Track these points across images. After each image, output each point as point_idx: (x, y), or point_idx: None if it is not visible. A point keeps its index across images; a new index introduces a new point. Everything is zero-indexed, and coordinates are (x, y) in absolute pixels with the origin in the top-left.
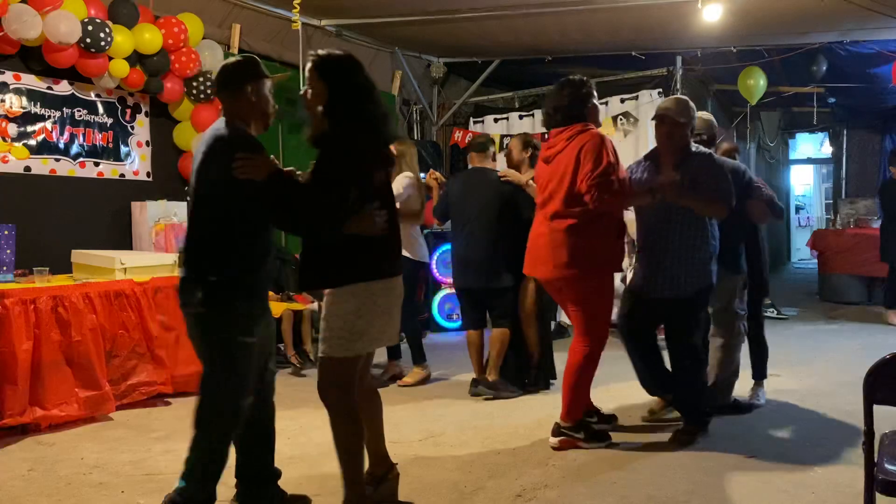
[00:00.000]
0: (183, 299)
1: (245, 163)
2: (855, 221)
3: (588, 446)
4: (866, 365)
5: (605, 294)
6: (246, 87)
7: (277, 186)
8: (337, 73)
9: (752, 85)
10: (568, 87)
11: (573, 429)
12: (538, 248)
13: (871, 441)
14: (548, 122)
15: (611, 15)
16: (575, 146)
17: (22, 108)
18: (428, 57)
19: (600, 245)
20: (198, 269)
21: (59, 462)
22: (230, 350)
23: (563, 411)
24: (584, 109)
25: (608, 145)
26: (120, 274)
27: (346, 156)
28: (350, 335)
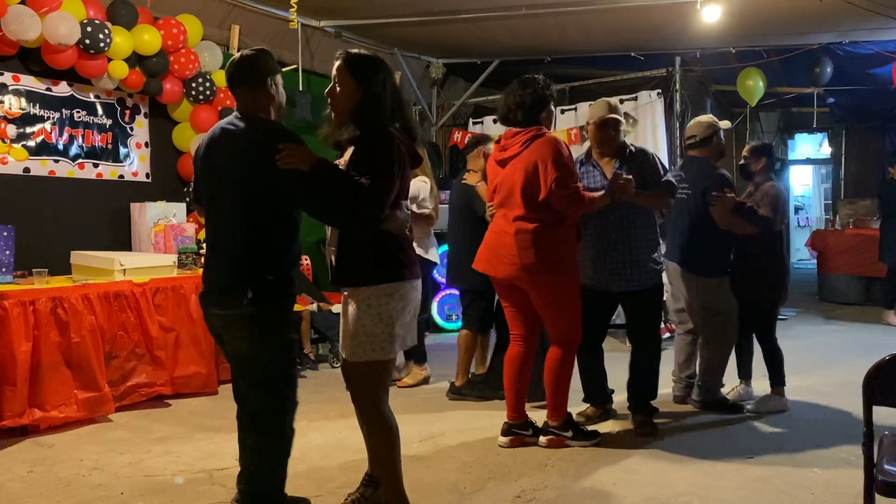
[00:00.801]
0: (228, 302)
1: (290, 152)
2: (854, 222)
3: (576, 444)
4: (865, 366)
5: (573, 292)
6: (268, 80)
7: (327, 176)
8: (373, 74)
9: (751, 86)
10: (531, 86)
11: (560, 427)
12: (498, 247)
13: (871, 442)
14: (505, 119)
15: (610, 15)
16: (533, 151)
17: (21, 109)
18: (427, 58)
19: (565, 246)
20: (249, 269)
21: (59, 463)
22: (287, 348)
23: (549, 411)
24: (543, 112)
25: (568, 152)
26: (119, 275)
27: (395, 152)
28: (390, 337)
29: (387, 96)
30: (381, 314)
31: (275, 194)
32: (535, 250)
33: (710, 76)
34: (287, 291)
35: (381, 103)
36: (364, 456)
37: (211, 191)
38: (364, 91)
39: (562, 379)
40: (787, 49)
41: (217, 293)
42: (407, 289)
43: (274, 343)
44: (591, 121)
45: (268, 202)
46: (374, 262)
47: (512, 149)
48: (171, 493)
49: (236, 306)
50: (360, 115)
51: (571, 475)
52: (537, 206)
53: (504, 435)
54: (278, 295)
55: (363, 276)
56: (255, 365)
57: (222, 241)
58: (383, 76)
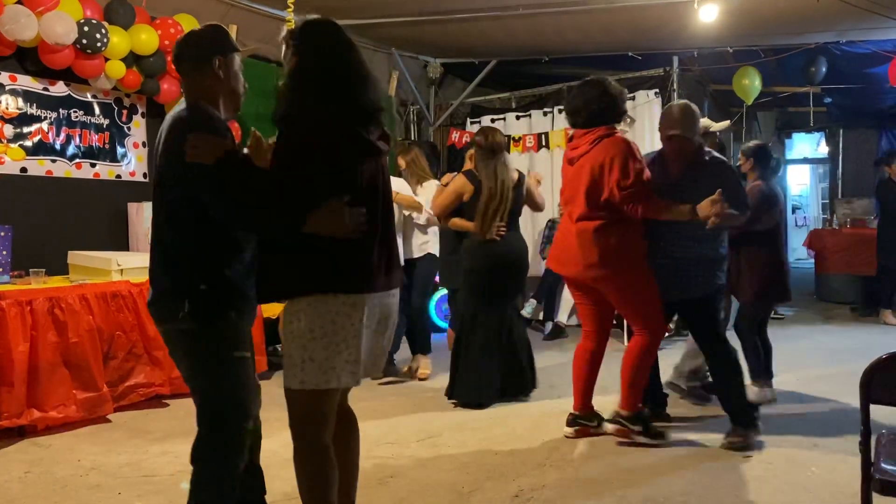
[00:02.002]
0: (161, 315)
1: (195, 143)
2: (851, 221)
3: (642, 440)
4: (863, 365)
5: (644, 288)
6: (213, 60)
7: (226, 172)
8: (306, 40)
9: (747, 85)
10: (596, 87)
11: (631, 420)
12: (565, 247)
13: (868, 441)
14: (571, 122)
15: (607, 15)
16: (600, 151)
17: (18, 109)
18: (425, 58)
19: (627, 244)
20: (180, 278)
21: (57, 464)
22: (227, 367)
23: (621, 400)
24: (609, 111)
25: (637, 152)
26: (116, 275)
27: (310, 137)
28: (304, 362)
29: (324, 66)
30: (293, 332)
31: (190, 194)
32: (597, 249)
33: (708, 76)
34: (231, 302)
35: (315, 75)
36: None
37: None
38: (297, 61)
39: (640, 371)
40: (785, 48)
41: (153, 305)
42: (331, 304)
43: (214, 363)
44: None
45: (188, 200)
46: (289, 272)
47: (581, 148)
48: (170, 493)
49: (172, 320)
50: (294, 90)
51: (569, 474)
52: (599, 206)
53: (569, 425)
54: (218, 307)
55: (275, 288)
56: (194, 387)
57: (157, 248)
58: (320, 40)
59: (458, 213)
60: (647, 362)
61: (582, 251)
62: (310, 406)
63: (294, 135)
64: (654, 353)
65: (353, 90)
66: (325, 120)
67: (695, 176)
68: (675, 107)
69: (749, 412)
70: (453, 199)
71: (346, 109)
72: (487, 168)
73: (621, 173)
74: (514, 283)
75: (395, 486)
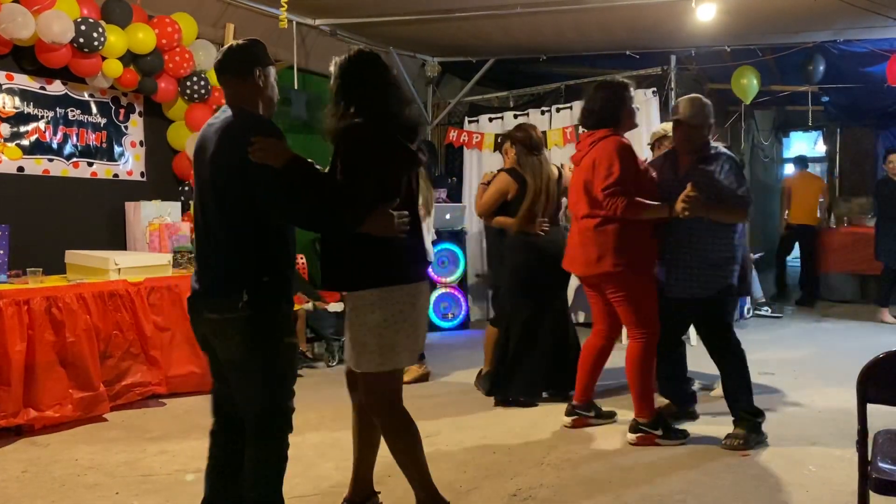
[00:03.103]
0: (219, 305)
1: (262, 145)
2: (849, 220)
3: (666, 443)
4: (860, 363)
5: (644, 288)
6: (255, 71)
7: (296, 175)
8: (356, 67)
9: (745, 84)
10: (601, 90)
11: (650, 425)
12: (573, 246)
13: (865, 440)
14: (581, 123)
15: (605, 14)
16: (595, 152)
17: (15, 108)
18: (423, 56)
19: (630, 242)
20: (243, 271)
21: (54, 463)
22: (284, 352)
23: (636, 408)
24: (616, 114)
25: (623, 154)
26: (114, 274)
27: (367, 148)
28: (379, 348)
29: (373, 91)
30: (366, 323)
31: (251, 192)
32: (598, 248)
33: (705, 74)
34: (283, 293)
35: (364, 96)
36: None
37: (198, 190)
38: (344, 85)
39: (643, 374)
40: (782, 47)
41: (210, 297)
42: (397, 294)
43: (270, 347)
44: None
45: (249, 199)
46: (356, 267)
47: (584, 149)
48: (167, 492)
49: (231, 310)
50: (346, 110)
51: (567, 473)
52: (596, 204)
53: (567, 415)
54: (274, 297)
55: (346, 281)
56: (250, 370)
57: (211, 243)
58: (372, 70)
59: (501, 211)
60: (649, 366)
61: (584, 249)
62: (389, 384)
63: (355, 142)
64: (653, 356)
65: (399, 108)
66: (377, 134)
67: (700, 169)
68: (685, 97)
69: (755, 414)
70: (497, 198)
71: (393, 125)
72: (532, 165)
73: (605, 173)
74: (557, 278)
75: (393, 485)
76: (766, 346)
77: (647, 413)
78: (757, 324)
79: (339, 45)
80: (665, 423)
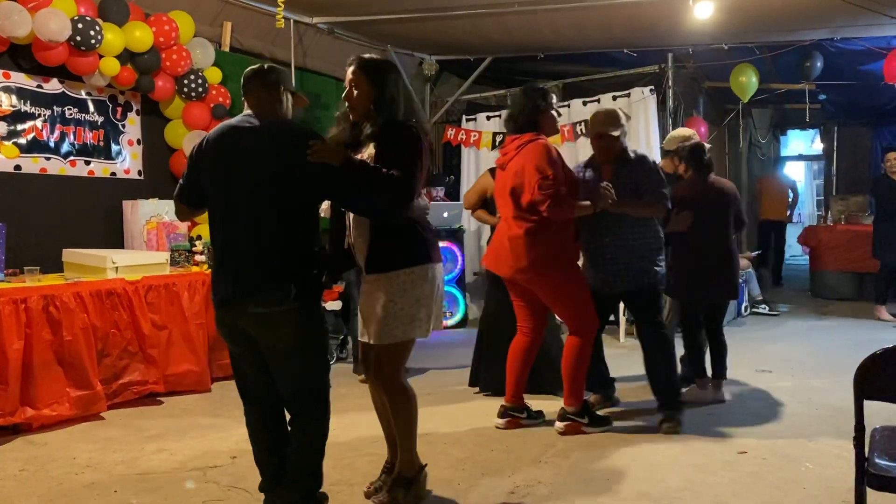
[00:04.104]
0: (272, 299)
1: (321, 148)
2: (846, 218)
3: (591, 430)
4: (857, 360)
5: (575, 288)
6: (281, 87)
7: (358, 170)
8: (386, 75)
9: (744, 82)
10: (524, 96)
11: (577, 413)
12: (500, 247)
13: (862, 436)
14: (508, 128)
15: (603, 12)
16: (523, 156)
17: (11, 106)
18: (420, 55)
19: (557, 245)
20: (288, 266)
21: (51, 462)
22: (324, 338)
23: (565, 397)
24: (538, 118)
25: (552, 155)
26: (111, 273)
27: (419, 144)
28: (427, 317)
29: (399, 95)
30: (418, 296)
31: (308, 190)
32: (527, 252)
33: (703, 73)
34: (322, 284)
35: (395, 101)
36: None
37: (225, 190)
38: (378, 91)
39: (579, 367)
40: (779, 45)
41: (260, 293)
42: (436, 270)
43: (317, 334)
44: (590, 131)
45: (298, 199)
46: (406, 247)
47: (509, 153)
48: (165, 490)
49: (283, 303)
50: (377, 113)
51: (565, 471)
52: (526, 209)
53: (500, 417)
54: (318, 287)
55: (398, 260)
56: (300, 357)
57: (258, 243)
58: (395, 77)
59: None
60: (585, 359)
61: (513, 254)
62: (409, 352)
63: (400, 141)
64: (589, 350)
65: (415, 112)
66: (418, 134)
67: (623, 173)
68: (601, 111)
69: (678, 396)
70: (478, 194)
71: (418, 125)
72: None
73: (538, 175)
74: None
75: None
76: (764, 343)
77: (576, 402)
78: (754, 321)
79: (337, 43)
80: (591, 412)
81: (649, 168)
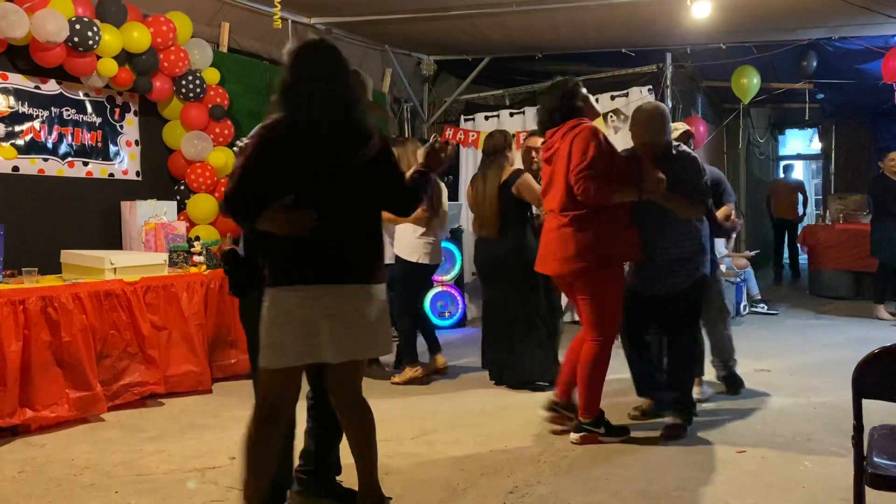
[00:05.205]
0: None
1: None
2: (844, 217)
3: (608, 440)
4: (856, 359)
5: (614, 286)
6: None
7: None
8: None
9: (745, 84)
10: (557, 88)
11: (593, 423)
12: (547, 244)
13: (861, 435)
14: (546, 124)
15: (601, 12)
16: (567, 142)
17: (9, 107)
18: (418, 55)
19: (607, 237)
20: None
21: (50, 463)
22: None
23: (581, 407)
24: (577, 105)
25: (599, 137)
26: (110, 274)
27: (258, 144)
28: (265, 344)
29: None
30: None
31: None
32: (574, 241)
33: (701, 72)
34: None
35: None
36: None
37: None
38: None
39: (595, 375)
40: (777, 45)
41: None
42: (288, 296)
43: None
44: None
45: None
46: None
47: (555, 144)
48: (164, 491)
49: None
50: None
51: (564, 471)
52: (574, 197)
53: (546, 409)
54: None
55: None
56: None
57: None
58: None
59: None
60: (601, 367)
61: (561, 245)
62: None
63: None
64: (606, 359)
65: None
66: (272, 124)
67: (664, 169)
68: (642, 115)
69: (691, 403)
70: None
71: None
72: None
73: (579, 157)
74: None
75: (390, 483)
76: (763, 342)
77: (591, 413)
78: (753, 321)
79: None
80: (606, 422)
81: (691, 165)
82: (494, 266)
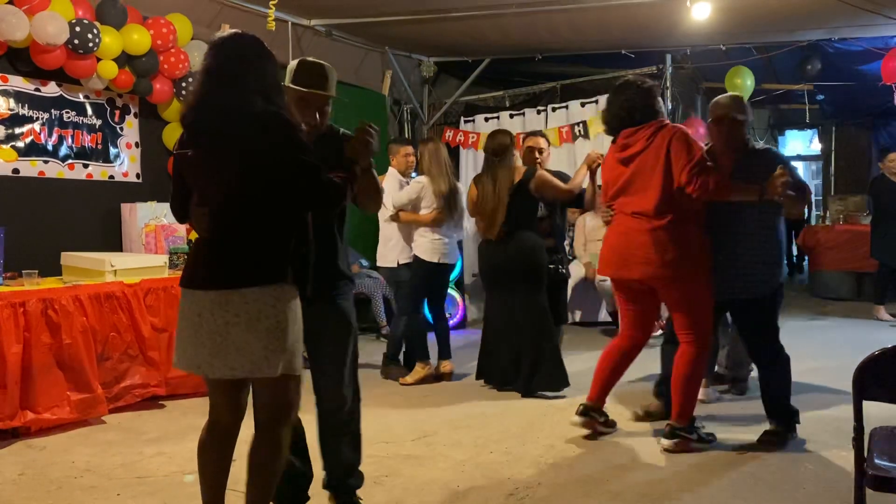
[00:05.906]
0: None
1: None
2: (844, 218)
3: (699, 447)
4: (856, 360)
5: (707, 291)
6: None
7: None
8: None
9: (738, 84)
10: (633, 86)
11: (687, 430)
12: (629, 247)
13: (861, 437)
14: (623, 122)
15: (600, 13)
16: (661, 143)
17: (9, 110)
18: (418, 56)
19: (699, 242)
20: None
21: (51, 465)
22: None
23: (674, 413)
24: (658, 105)
25: (691, 137)
26: (110, 276)
27: (174, 148)
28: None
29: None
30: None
31: None
32: (674, 245)
33: (701, 73)
34: None
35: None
36: None
37: None
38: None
39: (692, 381)
40: (777, 46)
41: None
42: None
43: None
44: (711, 116)
45: None
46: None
47: (636, 145)
48: (164, 493)
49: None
50: None
51: (564, 472)
52: (671, 201)
53: (579, 414)
54: None
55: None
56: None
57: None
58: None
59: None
60: (700, 372)
61: (657, 249)
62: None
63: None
64: (705, 362)
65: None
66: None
67: (747, 165)
68: (726, 95)
69: (791, 412)
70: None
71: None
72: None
73: (687, 155)
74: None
75: (390, 485)
76: None
77: (686, 419)
78: None
79: (335, 45)
80: (697, 429)
81: (779, 160)
82: (502, 269)
